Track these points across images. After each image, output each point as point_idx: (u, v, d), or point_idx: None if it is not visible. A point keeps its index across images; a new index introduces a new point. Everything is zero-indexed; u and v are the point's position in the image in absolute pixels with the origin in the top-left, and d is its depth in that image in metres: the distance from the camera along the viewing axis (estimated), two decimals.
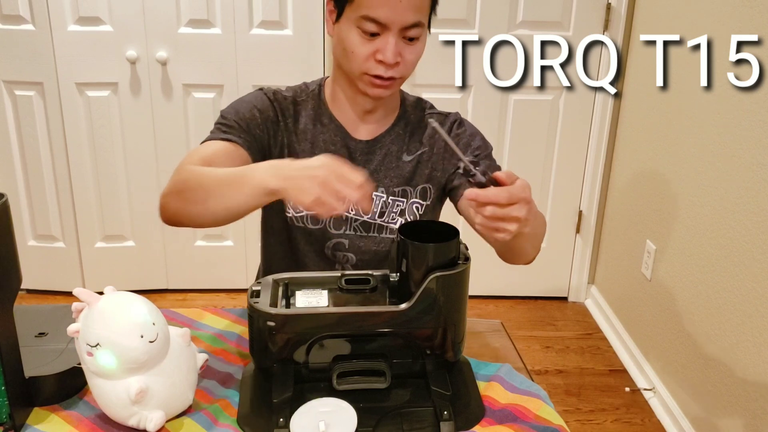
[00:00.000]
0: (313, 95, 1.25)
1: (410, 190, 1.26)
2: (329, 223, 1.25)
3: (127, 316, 0.85)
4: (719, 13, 1.87)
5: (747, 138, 1.72)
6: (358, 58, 1.11)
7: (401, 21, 1.08)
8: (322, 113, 1.24)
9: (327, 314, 0.93)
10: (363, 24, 1.08)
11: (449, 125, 1.27)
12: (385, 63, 1.10)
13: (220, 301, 2.74)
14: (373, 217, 1.25)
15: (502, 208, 0.85)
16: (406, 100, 1.29)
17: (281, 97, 1.24)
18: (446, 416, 0.91)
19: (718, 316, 1.84)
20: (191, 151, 1.16)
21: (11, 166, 2.55)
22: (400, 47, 1.10)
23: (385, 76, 1.12)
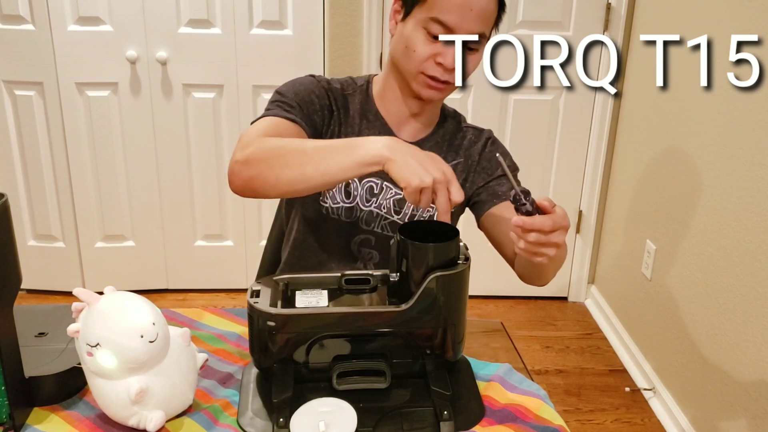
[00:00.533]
0: (361, 90, 1.27)
1: None
2: (363, 217, 1.25)
3: (127, 316, 0.85)
4: (719, 13, 1.87)
5: (747, 138, 1.72)
6: (419, 57, 1.13)
7: (468, 29, 1.10)
8: (368, 109, 1.25)
9: (327, 314, 0.93)
10: (430, 25, 1.10)
11: (483, 140, 1.30)
12: (443, 66, 1.12)
13: (220, 301, 2.74)
14: (403, 219, 1.26)
15: (545, 235, 0.90)
16: (446, 110, 1.32)
17: (333, 87, 1.24)
18: (446, 416, 0.91)
19: (718, 316, 1.84)
20: (254, 124, 1.12)
21: (11, 166, 2.55)
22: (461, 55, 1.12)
23: (441, 79, 1.14)
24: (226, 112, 2.52)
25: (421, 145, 1.26)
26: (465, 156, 1.29)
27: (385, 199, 1.25)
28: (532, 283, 1.22)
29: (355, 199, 1.25)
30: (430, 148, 1.27)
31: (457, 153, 1.29)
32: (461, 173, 1.28)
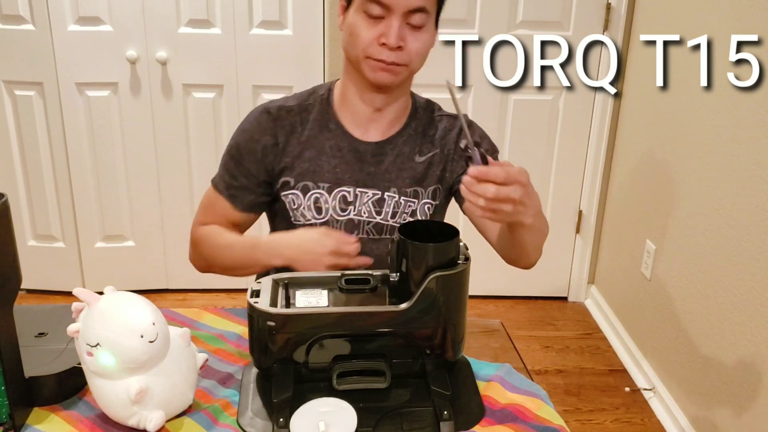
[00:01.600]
0: (321, 100, 1.26)
1: (421, 191, 1.26)
2: (341, 228, 1.25)
3: (127, 316, 0.85)
4: (719, 13, 1.87)
5: (747, 138, 1.72)
6: (362, 41, 1.12)
7: (405, 4, 1.09)
8: (328, 119, 1.24)
9: (327, 314, 0.93)
10: (368, 7, 1.10)
11: (458, 127, 1.28)
12: (387, 46, 1.11)
13: (220, 301, 2.74)
14: (385, 218, 1.25)
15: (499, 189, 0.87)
16: (417, 102, 1.30)
17: (285, 112, 1.24)
18: (446, 416, 0.91)
19: (718, 316, 1.84)
20: (202, 201, 1.32)
21: (11, 166, 2.55)
22: (404, 33, 1.11)
23: (387, 60, 1.12)
24: (226, 112, 2.52)
25: (392, 143, 1.25)
26: (440, 145, 1.27)
27: (362, 204, 1.24)
28: (516, 261, 1.21)
29: (328, 213, 1.24)
30: (403, 143, 1.25)
31: (432, 144, 1.27)
32: (438, 164, 1.27)
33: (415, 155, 1.26)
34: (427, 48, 1.16)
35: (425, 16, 1.12)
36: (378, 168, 1.24)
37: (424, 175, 1.26)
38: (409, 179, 1.25)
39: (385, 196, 1.24)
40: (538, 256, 1.20)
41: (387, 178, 1.24)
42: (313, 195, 1.23)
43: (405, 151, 1.25)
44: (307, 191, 1.23)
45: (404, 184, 1.25)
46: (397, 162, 1.25)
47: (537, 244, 1.17)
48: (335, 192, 1.23)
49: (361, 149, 1.24)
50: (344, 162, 1.23)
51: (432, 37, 1.17)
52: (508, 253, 1.20)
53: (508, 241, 1.14)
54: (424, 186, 1.26)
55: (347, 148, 1.23)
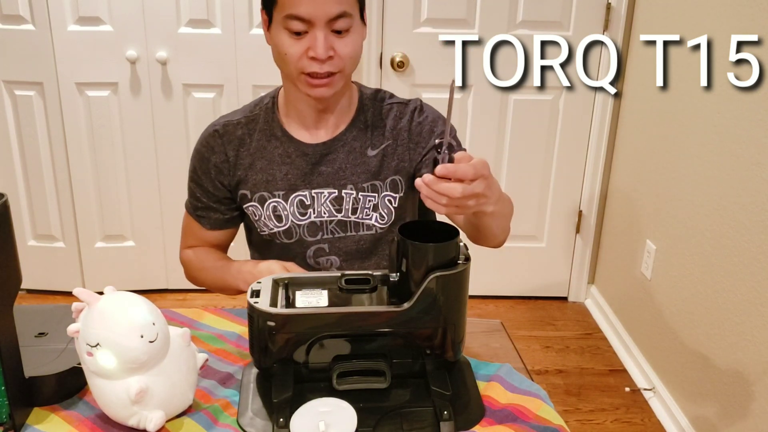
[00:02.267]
0: (266, 109, 1.27)
1: (380, 184, 1.25)
2: (303, 232, 1.25)
3: (127, 316, 0.85)
4: (719, 13, 1.87)
5: (747, 138, 1.72)
6: (291, 58, 1.12)
7: (324, 14, 1.08)
8: (274, 127, 1.25)
9: (327, 314, 0.93)
10: (289, 24, 1.09)
11: (410, 113, 1.26)
12: (317, 59, 1.10)
13: (220, 301, 2.73)
14: (346, 215, 1.25)
15: (464, 187, 0.86)
16: (364, 94, 1.28)
17: (231, 127, 1.26)
18: (446, 416, 0.91)
19: (718, 316, 1.84)
20: (183, 224, 1.37)
21: (11, 166, 2.55)
22: (331, 41, 1.11)
23: (320, 72, 1.12)
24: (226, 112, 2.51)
25: (341, 140, 1.24)
26: (393, 135, 1.25)
27: (321, 205, 1.25)
28: (483, 243, 1.20)
29: (288, 219, 1.25)
30: (353, 139, 1.24)
31: (384, 135, 1.25)
32: (392, 155, 1.25)
33: (367, 149, 1.25)
34: (357, 49, 1.15)
35: (348, 20, 1.11)
36: (331, 167, 1.24)
37: (379, 167, 1.25)
38: (365, 174, 1.24)
39: (342, 194, 1.24)
40: (505, 236, 1.20)
41: (341, 176, 1.24)
42: (270, 204, 1.24)
43: (356, 146, 1.25)
44: (264, 201, 1.25)
45: (360, 179, 1.24)
46: (350, 158, 1.24)
47: (503, 225, 1.17)
48: (291, 198, 1.24)
49: (309, 152, 1.24)
50: (295, 167, 1.24)
51: (360, 35, 1.16)
52: (475, 237, 1.20)
53: (473, 226, 1.15)
54: (382, 179, 1.25)
55: (295, 153, 1.24)
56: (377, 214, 1.25)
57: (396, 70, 2.48)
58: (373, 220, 1.26)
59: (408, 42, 2.44)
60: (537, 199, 2.71)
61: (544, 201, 2.72)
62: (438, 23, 2.41)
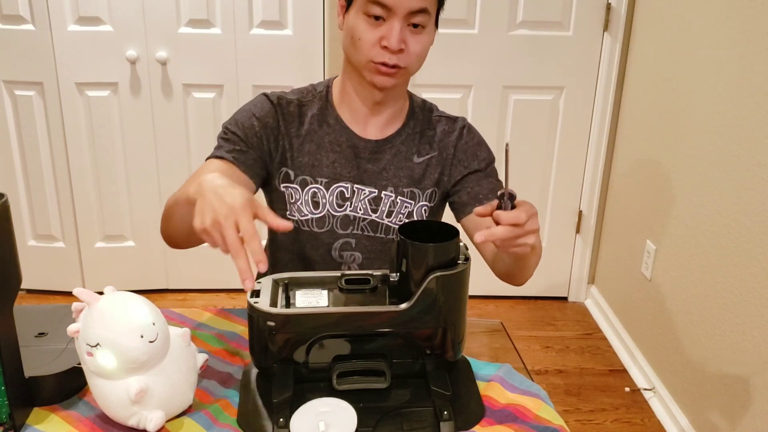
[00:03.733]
0: (320, 96, 1.26)
1: (419, 193, 1.26)
2: (336, 224, 1.25)
3: (127, 316, 0.85)
4: (719, 13, 1.87)
5: (747, 138, 1.72)
6: (364, 44, 1.12)
7: (407, 5, 1.09)
8: (328, 114, 1.24)
9: (327, 314, 0.93)
10: (369, 8, 1.10)
11: (458, 130, 1.28)
12: (389, 49, 1.11)
13: (220, 301, 2.74)
14: (381, 217, 1.25)
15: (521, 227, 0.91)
16: (414, 102, 1.30)
17: (285, 102, 1.23)
18: (446, 416, 0.91)
19: (718, 316, 1.84)
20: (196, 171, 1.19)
21: (11, 166, 2.55)
22: (405, 35, 1.11)
23: (389, 63, 1.12)
24: (226, 112, 2.51)
25: (390, 142, 1.25)
26: (439, 148, 1.27)
27: (359, 201, 1.25)
28: (511, 281, 1.22)
29: (325, 208, 1.24)
30: (401, 143, 1.25)
31: (431, 146, 1.27)
32: (436, 167, 1.26)
33: (413, 155, 1.26)
34: (426, 49, 1.16)
35: (426, 17, 1.12)
36: (376, 166, 1.24)
37: (421, 176, 1.26)
38: (407, 179, 1.25)
39: (381, 195, 1.25)
40: (531, 275, 1.23)
41: (384, 177, 1.24)
42: (311, 190, 1.24)
43: (403, 150, 1.25)
44: (305, 185, 1.24)
45: (401, 183, 1.25)
46: (395, 161, 1.25)
47: (535, 262, 1.19)
48: (333, 187, 1.24)
49: (360, 145, 1.24)
50: (343, 157, 1.23)
51: (431, 38, 1.17)
52: (507, 272, 1.20)
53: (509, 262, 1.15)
54: (422, 188, 1.26)
55: (346, 143, 1.24)
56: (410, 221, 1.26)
57: None
58: None
59: None
60: (537, 199, 2.71)
61: (544, 201, 2.72)
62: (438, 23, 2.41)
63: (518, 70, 2.51)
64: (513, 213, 0.91)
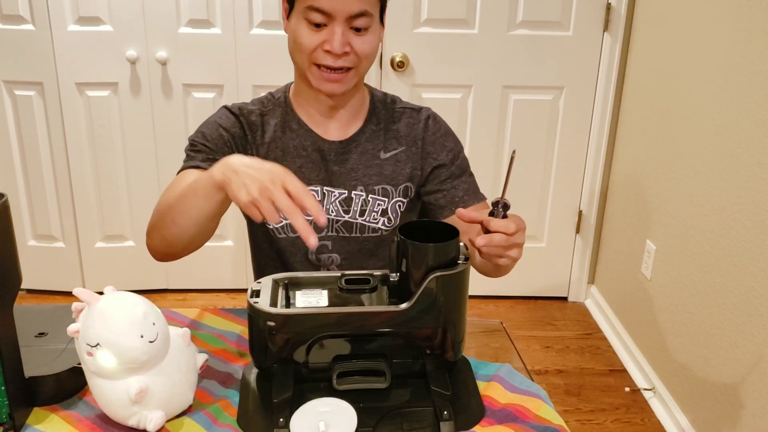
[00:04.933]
0: (279, 103, 1.26)
1: (391, 189, 1.26)
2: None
3: (127, 316, 0.85)
4: (719, 13, 1.87)
5: (747, 138, 1.72)
6: (306, 48, 1.12)
7: (346, 10, 1.09)
8: (290, 119, 1.24)
9: (327, 314, 0.93)
10: (309, 15, 1.10)
11: (423, 121, 1.27)
12: (332, 53, 1.11)
13: (220, 301, 2.74)
14: (354, 217, 1.25)
15: (510, 237, 0.94)
16: (375, 96, 1.29)
17: (247, 112, 1.24)
18: (446, 416, 0.91)
19: (718, 316, 1.84)
20: (167, 187, 1.17)
21: (11, 166, 2.55)
22: (349, 37, 1.11)
23: (334, 66, 1.12)
24: None
25: (354, 141, 1.24)
26: (407, 143, 1.26)
27: (330, 203, 1.24)
28: (491, 276, 1.22)
29: None
30: (366, 140, 1.25)
31: (398, 140, 1.26)
32: (406, 161, 1.26)
33: (380, 152, 1.25)
34: (373, 48, 1.15)
35: (368, 19, 1.12)
36: (343, 167, 1.24)
37: (392, 172, 1.25)
38: (376, 176, 1.25)
39: (352, 195, 1.24)
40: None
41: (353, 177, 1.24)
42: None
43: (369, 148, 1.25)
44: None
45: (371, 181, 1.25)
46: (363, 160, 1.24)
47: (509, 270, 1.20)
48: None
49: (325, 148, 1.24)
50: (310, 161, 1.23)
51: (378, 37, 1.16)
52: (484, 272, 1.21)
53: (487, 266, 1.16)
54: (394, 184, 1.25)
55: (311, 146, 1.23)
56: (385, 218, 1.26)
57: (396, 70, 2.48)
58: (380, 224, 1.26)
59: (408, 42, 2.44)
60: (537, 199, 2.71)
61: (544, 201, 2.72)
62: (438, 23, 2.41)
63: (518, 70, 2.51)
64: (503, 222, 0.93)
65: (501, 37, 2.46)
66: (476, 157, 2.60)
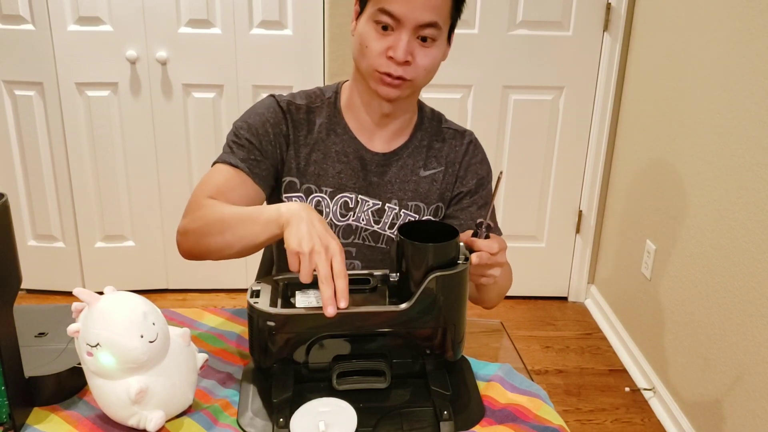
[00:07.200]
0: (328, 103, 1.24)
1: (423, 207, 1.25)
2: (339, 233, 1.24)
3: (127, 316, 0.84)
4: (719, 13, 1.87)
5: (747, 138, 1.72)
6: (371, 53, 1.11)
7: (416, 18, 1.08)
8: (336, 123, 1.23)
9: None
10: (379, 17, 1.09)
11: (465, 146, 1.27)
12: (395, 60, 1.09)
13: (220, 301, 2.74)
14: (383, 228, 1.24)
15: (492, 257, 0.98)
16: (424, 111, 1.28)
17: (294, 108, 1.22)
18: (446, 416, 0.91)
19: (718, 316, 1.84)
20: (204, 178, 1.18)
21: (11, 166, 2.55)
22: (413, 47, 1.10)
23: (394, 75, 1.11)
24: (226, 112, 2.52)
25: (397, 155, 1.23)
26: (446, 163, 1.26)
27: (362, 212, 1.24)
28: (478, 304, 1.25)
29: (328, 217, 1.23)
30: (408, 155, 1.24)
31: (438, 160, 1.26)
32: (442, 182, 1.26)
33: (420, 169, 1.25)
34: (435, 64, 1.15)
35: (436, 30, 1.10)
36: (381, 178, 1.23)
37: (427, 191, 1.25)
38: (411, 192, 1.24)
39: (385, 207, 1.24)
40: (499, 301, 1.27)
41: (389, 189, 1.24)
42: (315, 198, 1.22)
43: (409, 163, 1.24)
44: (310, 194, 1.22)
45: (406, 197, 1.24)
46: (401, 174, 1.24)
47: (501, 293, 1.23)
48: (337, 197, 1.22)
49: (366, 158, 1.23)
50: (349, 168, 1.22)
51: (442, 52, 1.16)
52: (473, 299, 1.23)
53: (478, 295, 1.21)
54: (427, 203, 1.25)
55: (353, 154, 1.22)
56: None
57: None
58: None
59: None
60: (537, 198, 2.71)
61: (544, 201, 2.72)
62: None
63: (518, 70, 2.51)
64: (486, 242, 0.98)
65: (501, 37, 2.47)
66: None
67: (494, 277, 1.01)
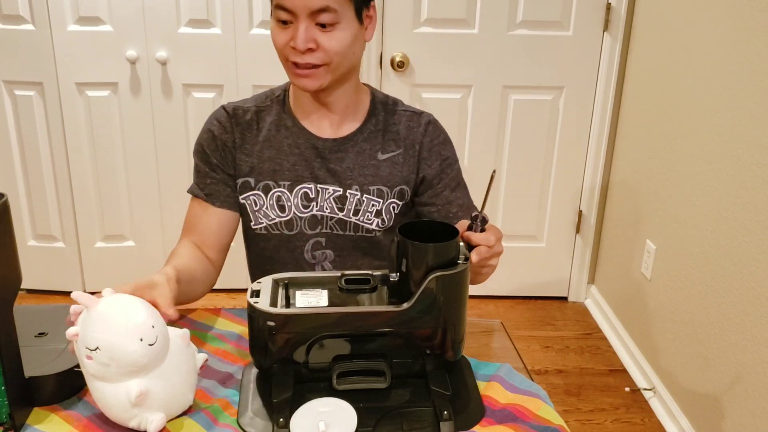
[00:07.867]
0: (277, 101, 1.28)
1: (387, 191, 1.26)
2: (304, 225, 1.26)
3: (127, 320, 0.84)
4: (719, 13, 1.87)
5: (747, 138, 1.72)
6: (278, 46, 1.16)
7: (306, 6, 1.10)
8: (285, 117, 1.26)
9: (327, 314, 0.93)
10: (277, 13, 1.13)
11: (423, 126, 1.27)
12: (296, 49, 1.13)
13: (220, 301, 2.74)
14: (347, 215, 1.25)
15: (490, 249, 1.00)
16: (376, 98, 1.29)
17: (241, 111, 1.26)
18: (446, 416, 0.91)
19: (718, 316, 1.84)
20: (186, 218, 1.30)
21: (11, 166, 2.55)
22: (314, 34, 1.12)
23: (301, 63, 1.14)
24: None
25: (351, 140, 1.25)
26: (405, 145, 1.26)
27: (324, 201, 1.25)
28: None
29: (291, 210, 1.25)
30: (363, 140, 1.25)
31: (396, 143, 1.26)
32: (403, 164, 1.26)
33: (377, 153, 1.25)
34: (345, 44, 1.14)
35: (332, 14, 1.11)
36: (339, 165, 1.24)
37: (389, 174, 1.25)
38: (372, 177, 1.25)
39: (347, 194, 1.25)
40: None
41: (349, 176, 1.25)
42: (275, 194, 1.25)
43: (366, 148, 1.25)
44: (269, 190, 1.25)
45: (367, 181, 1.25)
46: (359, 159, 1.25)
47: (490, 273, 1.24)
48: (296, 189, 1.24)
49: (319, 146, 1.24)
50: (303, 159, 1.24)
51: (351, 33, 1.14)
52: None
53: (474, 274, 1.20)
54: (390, 186, 1.26)
55: (305, 145, 1.24)
56: (379, 219, 1.26)
57: (396, 70, 2.48)
58: (374, 224, 1.26)
59: (408, 42, 2.44)
60: (537, 198, 2.71)
61: (544, 201, 2.72)
62: (438, 23, 2.41)
63: (518, 70, 2.51)
64: (483, 235, 0.99)
65: (501, 37, 2.47)
66: (476, 157, 2.60)
67: (493, 267, 1.04)
